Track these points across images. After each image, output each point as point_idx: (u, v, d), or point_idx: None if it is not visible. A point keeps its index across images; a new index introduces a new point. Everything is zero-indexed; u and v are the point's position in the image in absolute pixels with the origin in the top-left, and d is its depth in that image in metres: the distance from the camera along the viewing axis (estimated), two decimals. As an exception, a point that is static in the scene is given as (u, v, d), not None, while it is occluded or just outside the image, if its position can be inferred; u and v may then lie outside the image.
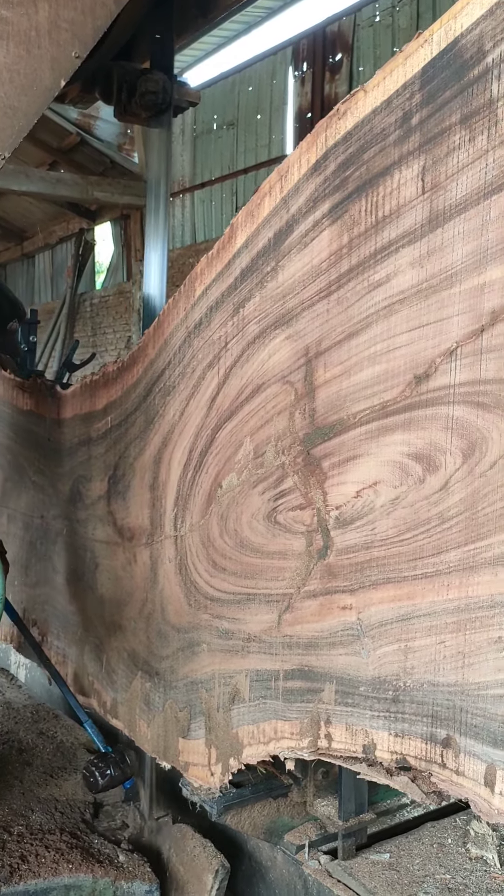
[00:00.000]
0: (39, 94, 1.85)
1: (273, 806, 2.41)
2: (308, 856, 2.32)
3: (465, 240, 1.33)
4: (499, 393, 1.28)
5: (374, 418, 1.50)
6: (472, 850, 2.34)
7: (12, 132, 1.87)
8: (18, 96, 1.82)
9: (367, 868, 2.26)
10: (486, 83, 1.29)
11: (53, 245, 16.33)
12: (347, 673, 1.58)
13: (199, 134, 12.68)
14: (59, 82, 1.85)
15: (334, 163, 1.57)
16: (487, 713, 1.30)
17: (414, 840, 2.41)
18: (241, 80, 11.86)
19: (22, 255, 17.54)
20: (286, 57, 11.03)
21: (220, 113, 12.31)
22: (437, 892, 2.15)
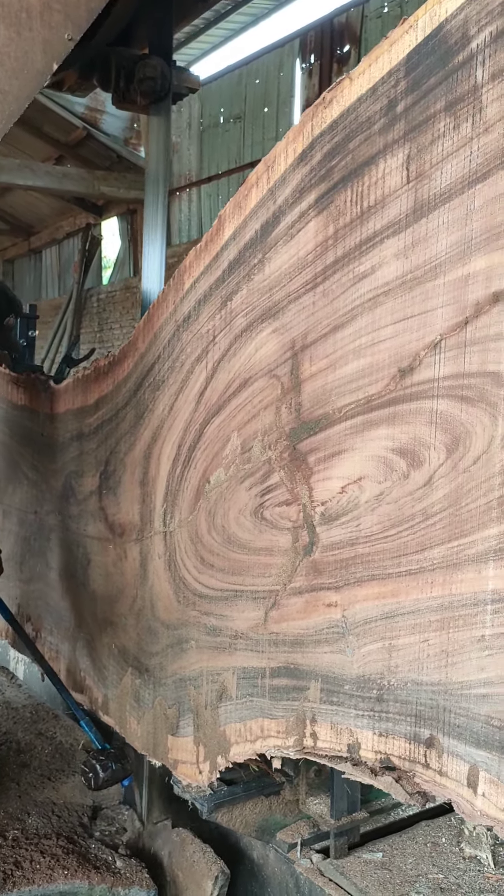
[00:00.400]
0: (31, 78, 1.77)
1: (265, 804, 2.39)
2: (300, 854, 2.30)
3: (449, 230, 1.30)
4: (482, 387, 1.25)
5: (358, 412, 1.48)
6: (466, 850, 2.31)
7: (2, 117, 1.82)
8: (9, 80, 1.75)
9: (360, 867, 2.24)
10: (470, 69, 1.26)
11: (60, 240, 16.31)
12: (332, 671, 1.55)
13: (206, 128, 12.60)
14: (52, 65, 1.77)
15: (320, 152, 1.55)
16: (470, 713, 1.27)
17: (407, 839, 2.39)
18: (248, 73, 11.75)
19: (29, 251, 17.53)
20: (294, 49, 10.93)
21: (227, 106, 12.22)
22: (429, 891, 2.13)
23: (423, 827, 2.44)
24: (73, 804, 2.74)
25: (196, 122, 12.86)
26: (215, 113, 12.45)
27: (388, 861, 2.26)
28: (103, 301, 14.90)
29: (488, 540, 1.24)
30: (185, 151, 12.97)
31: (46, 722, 3.43)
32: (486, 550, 1.24)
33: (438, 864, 2.26)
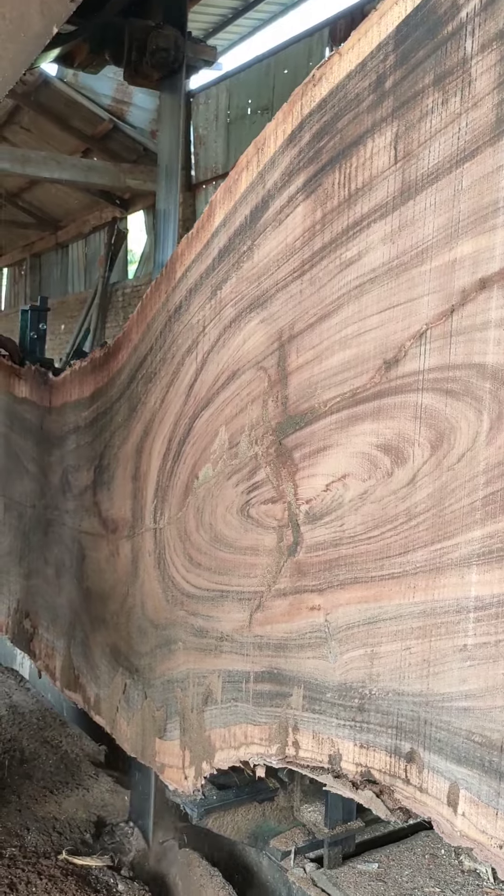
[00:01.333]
0: (28, 42, 1.62)
1: (258, 810, 2.33)
2: (293, 863, 2.24)
3: (436, 212, 1.22)
4: (467, 379, 1.17)
5: (344, 406, 1.40)
6: (466, 863, 2.23)
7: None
8: (4, 44, 1.62)
9: (354, 878, 2.16)
10: (459, 40, 1.18)
11: (87, 234, 16.31)
12: (315, 678, 1.48)
13: (234, 120, 12.45)
14: (51, 29, 1.62)
15: (309, 133, 1.47)
16: (452, 727, 1.19)
17: (405, 849, 2.31)
18: (277, 63, 11.56)
19: (56, 245, 17.55)
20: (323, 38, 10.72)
21: (255, 98, 12.04)
22: (424, 906, 2.05)
23: (422, 837, 2.36)
24: (75, 819, 2.63)
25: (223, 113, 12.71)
26: (243, 104, 12.28)
27: (384, 872, 2.19)
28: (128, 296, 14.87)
29: (472, 543, 1.16)
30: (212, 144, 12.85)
31: (53, 729, 3.33)
32: (470, 554, 1.16)
33: (436, 876, 2.18)
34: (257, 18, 11.82)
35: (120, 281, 15.27)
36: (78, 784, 2.88)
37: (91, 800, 2.81)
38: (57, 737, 3.25)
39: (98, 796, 2.85)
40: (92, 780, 2.96)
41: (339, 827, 2.19)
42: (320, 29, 10.68)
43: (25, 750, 3.11)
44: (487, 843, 1.13)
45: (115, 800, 2.82)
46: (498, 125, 1.12)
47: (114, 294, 15.24)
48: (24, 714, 3.46)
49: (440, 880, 2.17)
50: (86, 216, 16.03)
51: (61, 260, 17.90)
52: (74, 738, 3.23)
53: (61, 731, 3.30)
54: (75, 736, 3.25)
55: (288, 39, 11.27)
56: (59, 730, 3.31)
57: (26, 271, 18.77)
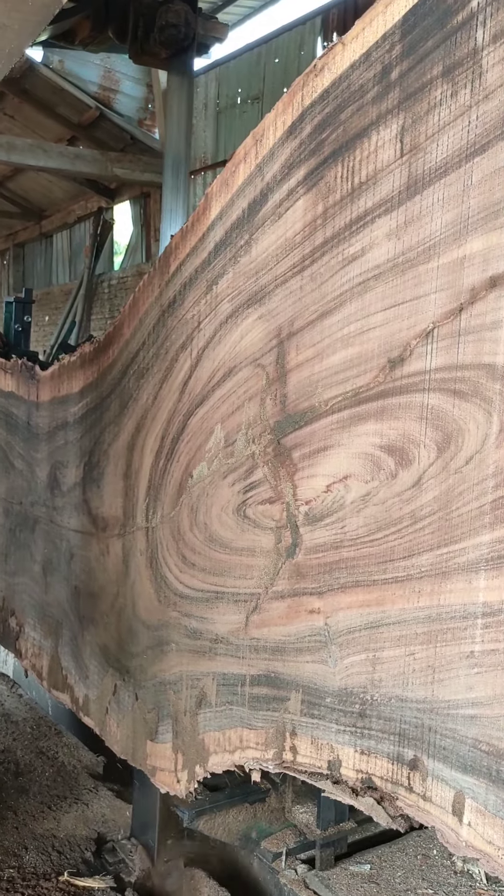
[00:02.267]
0: (35, 11, 1.52)
1: (249, 811, 2.30)
2: (285, 864, 2.21)
3: (444, 208, 1.19)
4: (477, 380, 1.14)
5: (346, 406, 1.37)
6: (459, 864, 2.22)
7: (0, 55, 1.60)
8: (9, 12, 1.51)
9: (346, 879, 2.14)
10: (470, 30, 1.14)
11: (72, 224, 16.14)
12: (314, 682, 1.45)
13: (223, 109, 12.30)
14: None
15: (310, 124, 1.44)
16: (457, 735, 1.17)
17: (397, 850, 2.30)
18: (268, 52, 11.39)
19: (40, 235, 17.35)
20: (315, 27, 10.60)
21: (245, 87, 11.87)
22: (417, 908, 2.04)
23: (414, 838, 2.35)
24: (75, 837, 2.52)
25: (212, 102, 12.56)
26: (232, 93, 12.12)
27: (376, 874, 2.17)
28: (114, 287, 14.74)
29: (480, 548, 1.13)
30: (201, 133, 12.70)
31: (48, 739, 3.21)
32: (478, 559, 1.14)
33: (428, 878, 2.16)
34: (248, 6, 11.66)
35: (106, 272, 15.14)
36: (77, 798, 2.77)
37: (91, 815, 2.71)
38: (52, 747, 3.13)
39: (98, 811, 2.75)
40: (91, 793, 2.86)
41: (331, 828, 2.17)
42: (312, 18, 10.52)
43: (20, 762, 3.01)
44: (494, 854, 1.11)
45: (115, 815, 2.72)
46: (511, 119, 1.09)
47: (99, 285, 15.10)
48: (18, 723, 3.33)
49: (433, 881, 2.15)
50: (71, 206, 15.87)
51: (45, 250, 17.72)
52: (71, 749, 3.11)
53: (57, 740, 3.18)
54: (72, 746, 3.14)
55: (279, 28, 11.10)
56: (55, 739, 3.19)
57: (9, 261, 18.58)
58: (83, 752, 3.07)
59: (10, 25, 1.56)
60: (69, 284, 15.95)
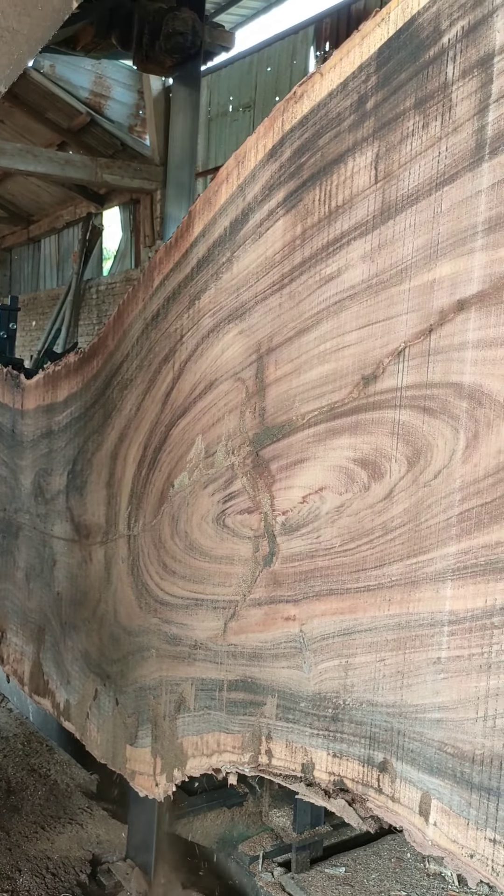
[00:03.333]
0: (45, 16, 1.49)
1: (227, 815, 2.34)
2: (262, 867, 2.25)
3: (416, 233, 1.24)
4: (445, 398, 1.20)
5: (321, 420, 1.42)
6: (431, 866, 2.27)
7: (10, 60, 1.56)
8: (19, 17, 1.48)
9: (322, 882, 2.19)
10: (441, 65, 1.20)
11: (60, 230, 16.14)
12: (289, 687, 1.50)
13: (214, 117, 12.33)
14: (71, 3, 1.50)
15: (290, 149, 1.49)
16: (424, 738, 1.22)
17: (372, 854, 2.34)
18: (260, 61, 11.43)
19: (28, 240, 17.34)
20: (308, 36, 10.64)
21: (237, 95, 11.90)
22: (390, 910, 2.08)
23: (388, 841, 2.40)
24: (70, 858, 2.48)
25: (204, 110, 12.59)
26: (224, 101, 12.14)
27: (351, 876, 2.22)
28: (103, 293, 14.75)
29: (447, 558, 1.19)
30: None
31: (40, 756, 3.15)
32: (445, 569, 1.19)
33: (402, 880, 2.21)
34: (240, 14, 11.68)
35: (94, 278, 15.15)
36: (71, 818, 2.73)
37: (85, 836, 2.67)
38: (45, 764, 3.08)
39: (92, 832, 2.71)
40: (85, 813, 2.82)
41: (307, 832, 2.21)
42: (305, 27, 10.56)
43: (12, 780, 2.95)
44: (458, 853, 1.16)
45: (110, 835, 2.69)
46: (477, 151, 1.15)
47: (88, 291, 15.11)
48: (8, 738, 3.27)
49: (406, 884, 2.20)
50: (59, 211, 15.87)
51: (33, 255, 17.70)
52: (63, 766, 3.07)
53: (49, 757, 3.14)
54: (64, 763, 3.09)
55: (272, 37, 11.13)
56: (47, 756, 3.15)
57: (-4, 266, 18.56)
58: (76, 770, 3.03)
59: (20, 30, 1.51)
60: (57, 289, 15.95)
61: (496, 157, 1.12)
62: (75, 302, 14.66)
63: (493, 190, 1.13)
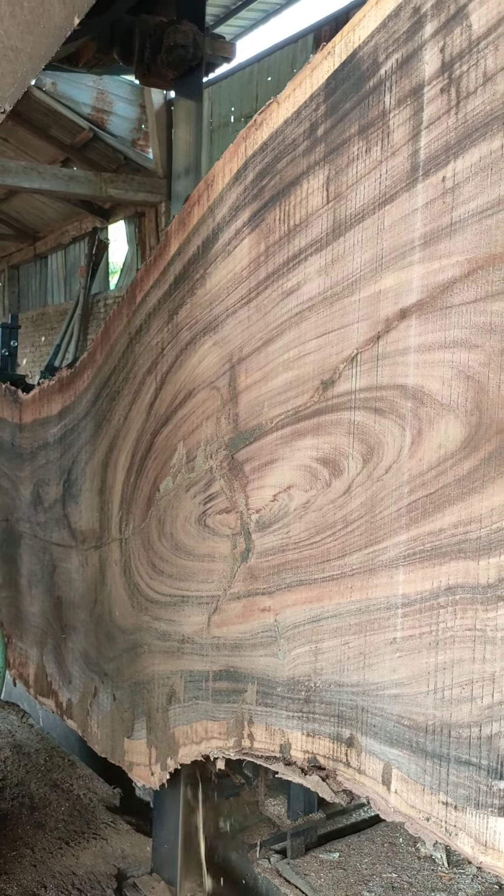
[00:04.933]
0: (48, 34, 1.50)
1: (224, 805, 2.43)
2: (259, 854, 2.35)
3: (363, 248, 1.35)
4: (392, 399, 1.30)
5: (287, 423, 1.53)
6: (422, 850, 2.36)
7: (14, 79, 1.55)
8: (22, 35, 1.49)
9: (316, 867, 2.28)
10: (380, 94, 1.31)
11: (66, 245, 16.27)
12: (267, 674, 1.60)
13: (216, 128, 12.39)
14: (73, 20, 1.50)
15: (252, 172, 1.60)
16: (385, 713, 1.32)
17: (366, 839, 2.43)
18: (260, 71, 11.47)
19: (35, 256, 17.47)
20: (307, 44, 10.64)
21: (238, 105, 11.94)
22: (381, 890, 2.18)
23: (382, 828, 2.49)
24: (95, 874, 2.45)
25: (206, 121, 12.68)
26: (225, 112, 12.20)
27: (345, 861, 2.31)
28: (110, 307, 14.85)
29: (399, 546, 1.29)
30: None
31: (62, 770, 3.15)
32: (397, 556, 1.29)
33: (393, 863, 2.30)
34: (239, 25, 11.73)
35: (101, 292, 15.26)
36: (95, 833, 2.71)
37: (110, 850, 2.63)
38: (67, 779, 3.08)
39: (117, 846, 2.67)
40: (109, 827, 2.78)
41: (301, 819, 2.31)
42: (304, 35, 10.58)
43: (35, 795, 2.95)
44: (416, 817, 1.26)
45: (135, 849, 2.64)
46: (412, 173, 1.26)
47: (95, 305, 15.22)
48: (30, 754, 3.27)
49: (398, 867, 2.29)
50: (65, 226, 16.01)
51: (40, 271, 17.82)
52: (85, 780, 3.07)
53: (71, 772, 3.13)
54: (86, 777, 3.10)
55: (271, 46, 11.13)
56: (69, 771, 3.14)
57: (4, 283, 18.70)
58: (98, 784, 3.03)
59: (23, 49, 1.51)
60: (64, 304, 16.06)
61: (429, 179, 1.23)
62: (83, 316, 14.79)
63: (427, 208, 1.24)
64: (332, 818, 2.51)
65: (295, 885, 2.21)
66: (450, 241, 1.20)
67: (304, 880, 2.21)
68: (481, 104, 1.15)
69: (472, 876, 2.24)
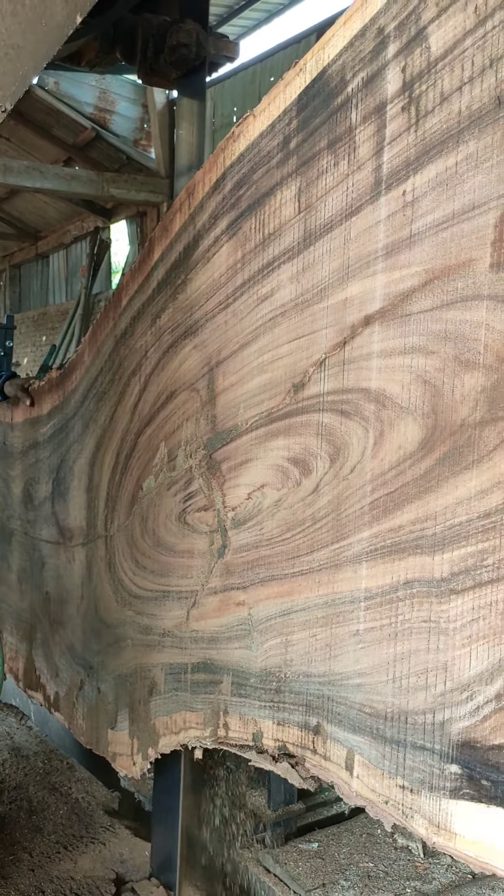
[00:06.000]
0: (49, 32, 1.48)
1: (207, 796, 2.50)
2: (240, 844, 2.41)
3: (331, 257, 1.41)
4: (357, 401, 1.36)
5: (261, 424, 1.59)
6: (399, 840, 2.42)
7: (15, 78, 1.53)
8: (23, 33, 1.47)
9: (295, 856, 2.34)
10: (347, 111, 1.37)
11: (68, 244, 16.27)
12: (241, 665, 1.67)
13: (219, 128, 12.38)
14: (75, 18, 1.47)
15: (231, 182, 1.67)
16: (348, 701, 1.38)
17: (345, 830, 2.49)
18: (263, 71, 11.48)
19: (36, 256, 17.46)
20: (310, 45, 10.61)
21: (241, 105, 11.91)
22: (357, 879, 2.24)
23: (361, 820, 2.55)
24: (93, 878, 2.43)
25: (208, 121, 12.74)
26: (228, 112, 12.22)
27: (323, 850, 2.37)
28: (112, 307, 14.82)
29: (362, 542, 1.35)
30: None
31: (60, 774, 3.13)
32: (361, 552, 1.35)
33: (371, 853, 2.36)
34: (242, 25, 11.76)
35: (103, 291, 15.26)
36: (93, 838, 2.70)
37: (108, 855, 2.63)
38: (66, 782, 3.06)
39: (115, 850, 2.66)
40: (108, 832, 2.77)
41: (281, 810, 2.37)
42: (307, 36, 10.59)
43: (33, 799, 2.94)
44: (376, 800, 1.32)
45: (134, 854, 2.63)
46: (376, 186, 1.32)
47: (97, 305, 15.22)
48: (29, 757, 3.25)
49: (375, 857, 2.35)
50: (66, 226, 16.00)
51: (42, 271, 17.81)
52: (84, 784, 3.06)
53: (69, 775, 3.11)
54: (85, 781, 3.08)
55: (274, 46, 11.13)
56: (67, 774, 3.13)
57: (5, 282, 18.70)
58: (97, 787, 3.03)
59: (24, 47, 1.49)
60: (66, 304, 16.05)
61: (391, 192, 1.29)
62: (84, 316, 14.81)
63: (389, 220, 1.30)
64: (312, 810, 2.57)
65: (274, 874, 2.27)
66: (409, 252, 1.26)
67: (283, 869, 2.27)
68: (438, 123, 1.21)
69: (446, 866, 2.30)
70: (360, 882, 2.23)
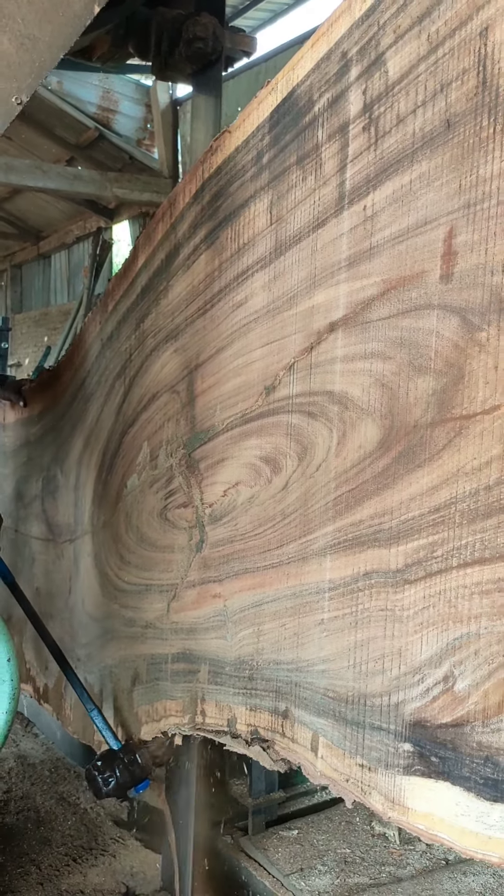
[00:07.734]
0: (67, 22, 1.45)
1: (191, 785, 2.57)
2: (223, 831, 2.49)
3: (300, 267, 1.50)
4: (322, 403, 1.44)
5: (236, 424, 1.67)
6: (377, 828, 2.50)
7: (31, 69, 1.50)
8: (40, 24, 1.44)
9: (275, 842, 2.42)
10: (314, 129, 1.46)
11: (70, 245, 16.24)
12: (217, 655, 1.75)
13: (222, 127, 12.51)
14: (93, 8, 1.45)
15: (209, 193, 1.75)
16: (313, 686, 1.46)
17: (324, 818, 2.57)
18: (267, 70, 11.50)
19: (38, 255, 17.43)
20: None
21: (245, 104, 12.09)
22: (334, 864, 2.32)
23: (341, 807, 2.63)
24: (103, 892, 2.39)
25: None
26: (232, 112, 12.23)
27: (302, 837, 2.45)
28: (112, 307, 14.83)
29: (326, 536, 1.43)
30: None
31: (68, 783, 3.06)
32: (325, 545, 1.43)
33: (348, 840, 2.44)
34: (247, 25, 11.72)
35: (105, 292, 15.21)
36: (103, 850, 2.64)
37: (118, 867, 2.56)
38: (73, 792, 2.99)
39: (125, 863, 2.60)
40: (118, 843, 2.70)
41: (261, 797, 2.45)
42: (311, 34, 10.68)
43: (41, 809, 2.87)
44: (338, 779, 1.40)
45: (144, 866, 2.58)
46: (340, 201, 1.40)
47: (98, 305, 15.19)
48: (35, 765, 3.18)
49: (352, 843, 2.43)
50: (69, 226, 15.97)
51: (43, 270, 17.78)
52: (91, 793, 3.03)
53: (77, 784, 3.04)
54: None
55: (279, 46, 11.15)
56: (75, 783, 3.05)
57: (7, 282, 18.70)
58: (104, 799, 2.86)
59: (42, 37, 1.46)
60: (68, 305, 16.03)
61: (353, 207, 1.38)
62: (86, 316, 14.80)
63: (352, 233, 1.38)
64: (294, 798, 2.65)
65: (254, 859, 2.35)
66: (369, 263, 1.34)
67: (263, 854, 2.35)
68: (395, 143, 1.29)
69: (420, 852, 2.38)
70: (336, 867, 2.31)
